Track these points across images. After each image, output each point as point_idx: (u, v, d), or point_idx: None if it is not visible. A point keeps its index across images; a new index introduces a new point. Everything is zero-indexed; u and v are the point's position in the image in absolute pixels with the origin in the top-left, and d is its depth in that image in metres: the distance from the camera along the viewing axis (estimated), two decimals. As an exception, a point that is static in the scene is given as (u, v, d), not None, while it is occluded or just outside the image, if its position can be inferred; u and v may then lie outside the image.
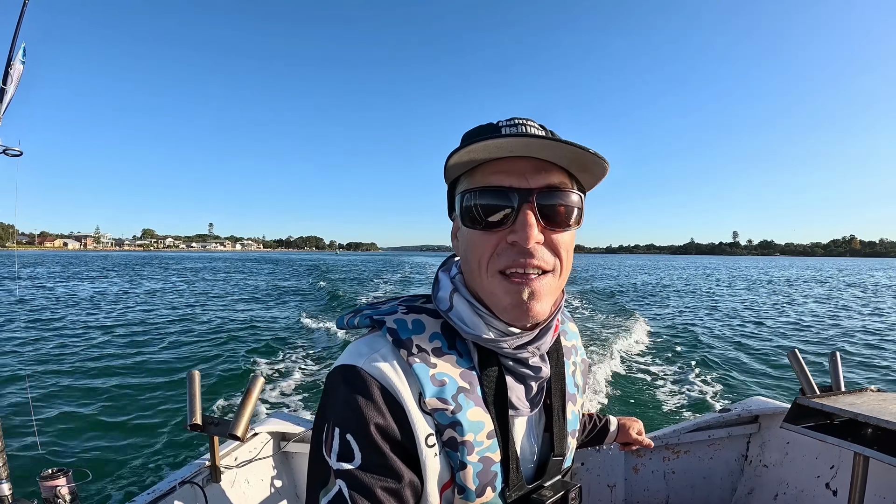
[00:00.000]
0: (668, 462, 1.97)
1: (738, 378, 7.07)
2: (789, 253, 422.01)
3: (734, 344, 9.73)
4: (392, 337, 0.67)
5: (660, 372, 7.31)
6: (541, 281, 0.64)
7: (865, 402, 1.48)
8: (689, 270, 56.13)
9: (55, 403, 5.63)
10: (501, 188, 0.63)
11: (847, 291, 25.45)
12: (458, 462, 0.65)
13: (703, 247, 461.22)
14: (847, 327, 12.52)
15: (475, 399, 0.67)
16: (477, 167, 0.66)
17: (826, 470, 1.79)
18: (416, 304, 0.73)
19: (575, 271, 28.79)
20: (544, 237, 0.64)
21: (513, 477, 0.69)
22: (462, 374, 0.68)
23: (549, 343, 0.73)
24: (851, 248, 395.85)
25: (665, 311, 15.17)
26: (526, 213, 0.62)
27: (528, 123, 0.67)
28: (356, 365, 0.64)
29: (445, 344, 0.69)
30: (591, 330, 10.92)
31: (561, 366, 0.80)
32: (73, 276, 31.53)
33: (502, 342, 0.67)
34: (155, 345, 9.15)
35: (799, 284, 31.12)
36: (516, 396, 0.71)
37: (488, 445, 0.67)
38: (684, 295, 21.82)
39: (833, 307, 17.24)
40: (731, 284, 30.33)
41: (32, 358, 8.03)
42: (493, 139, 0.60)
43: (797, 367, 1.64)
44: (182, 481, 1.49)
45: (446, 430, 0.65)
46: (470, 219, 0.65)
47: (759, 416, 2.02)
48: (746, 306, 17.02)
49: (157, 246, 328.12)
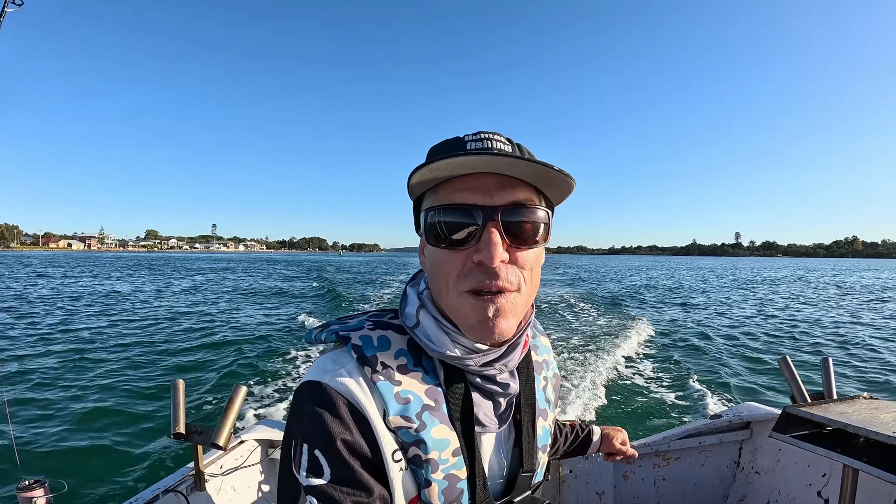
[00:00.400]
0: (659, 469, 1.96)
1: (732, 382, 7.01)
2: (792, 254, 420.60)
3: (727, 348, 9.66)
4: (357, 354, 0.66)
5: (651, 377, 7.22)
6: (506, 298, 0.63)
7: (856, 410, 1.46)
8: (681, 271, 56.21)
9: (33, 411, 5.60)
10: (466, 206, 0.62)
11: (827, 291, 25.68)
12: (423, 479, 0.64)
13: (706, 248, 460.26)
14: (827, 328, 12.55)
15: (440, 417, 0.66)
16: (442, 184, 0.65)
17: (818, 478, 1.77)
18: (383, 320, 0.72)
19: (576, 279, 28.50)
20: (510, 255, 0.63)
21: (479, 494, 0.68)
22: (427, 392, 0.67)
23: (518, 360, 0.72)
24: (853, 249, 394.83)
25: (656, 315, 15.05)
26: (490, 232, 0.61)
27: (494, 138, 0.66)
28: (321, 381, 0.64)
29: (411, 361, 0.68)
30: (581, 333, 10.89)
31: (531, 381, 0.79)
32: (97, 276, 31.34)
33: (468, 360, 0.67)
34: (146, 350, 9.11)
35: (785, 285, 31.06)
36: (483, 413, 0.70)
37: (454, 463, 0.66)
38: (676, 296, 21.77)
39: (819, 309, 17.23)
40: (725, 285, 30.26)
41: (10, 361, 8.01)
42: (457, 157, 0.58)
43: (788, 375, 1.62)
44: (165, 490, 1.48)
45: (410, 447, 0.64)
46: (434, 237, 0.64)
47: (750, 422, 2.01)
48: (739, 308, 16.94)
49: (161, 247, 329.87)
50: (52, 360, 8.16)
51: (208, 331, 11.25)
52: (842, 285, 31.39)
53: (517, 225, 0.63)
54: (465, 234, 0.62)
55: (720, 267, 78.97)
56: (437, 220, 0.63)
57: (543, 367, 0.85)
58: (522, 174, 0.62)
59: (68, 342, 9.66)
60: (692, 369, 7.69)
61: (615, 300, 19.22)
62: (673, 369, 7.70)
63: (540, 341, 0.88)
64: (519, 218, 0.63)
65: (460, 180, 0.63)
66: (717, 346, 9.60)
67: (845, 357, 8.96)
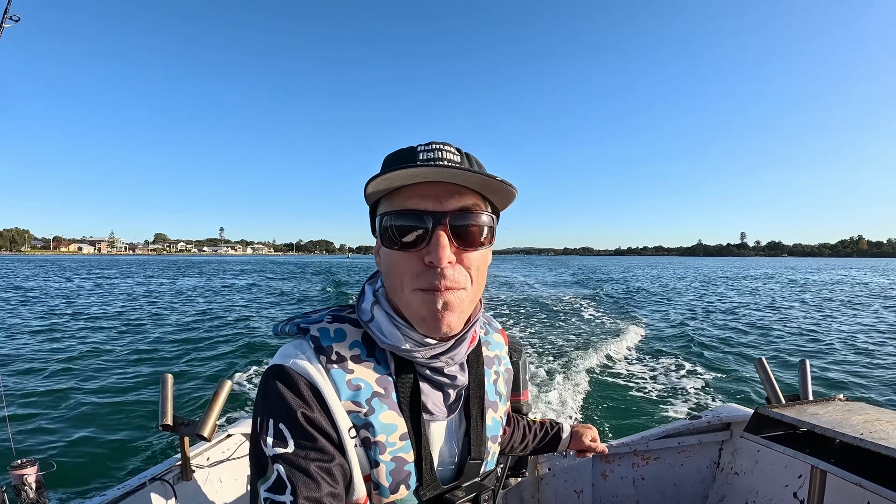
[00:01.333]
0: (638, 468, 1.98)
1: (713, 383, 6.97)
2: (797, 254, 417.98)
3: (714, 348, 9.61)
4: (314, 344, 0.72)
5: (631, 377, 7.21)
6: (454, 294, 0.68)
7: (829, 412, 1.48)
8: (674, 271, 56.05)
9: (30, 398, 5.73)
10: (417, 211, 0.67)
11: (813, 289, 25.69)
12: (373, 460, 0.70)
13: (711, 248, 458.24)
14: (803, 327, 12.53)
15: (389, 403, 0.72)
16: (396, 191, 0.70)
17: (794, 479, 1.80)
18: (342, 314, 0.78)
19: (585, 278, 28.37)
20: (458, 256, 0.68)
21: (426, 477, 0.74)
22: (378, 381, 0.72)
23: (464, 354, 0.77)
24: (858, 248, 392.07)
25: (640, 315, 14.95)
26: (439, 234, 0.66)
27: (444, 149, 0.70)
28: (284, 364, 0.69)
29: (364, 352, 0.74)
30: (565, 332, 10.94)
31: (480, 374, 0.84)
32: (139, 281, 31.30)
33: (416, 352, 0.72)
34: (141, 342, 9.28)
35: (777, 284, 30.88)
36: (432, 402, 0.76)
37: (401, 447, 0.71)
38: (661, 296, 21.71)
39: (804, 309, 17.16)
40: (719, 286, 30.13)
41: (5, 351, 8.19)
42: (409, 168, 0.64)
43: (763, 376, 1.65)
44: (153, 478, 1.53)
45: (361, 429, 0.70)
46: (388, 239, 0.69)
47: (730, 423, 2.03)
48: (728, 309, 16.82)
49: (170, 250, 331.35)
50: (49, 351, 8.33)
51: (210, 327, 11.37)
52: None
53: (464, 229, 0.68)
54: (416, 237, 0.67)
55: (727, 267, 78.59)
56: (391, 224, 0.68)
57: (495, 361, 0.90)
58: (468, 183, 0.68)
59: (68, 336, 9.85)
60: (673, 369, 7.68)
61: (601, 299, 19.26)
62: (654, 369, 7.71)
63: (493, 338, 0.92)
64: (465, 222, 0.68)
65: (412, 188, 0.68)
66: (700, 347, 9.55)
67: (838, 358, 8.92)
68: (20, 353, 8.34)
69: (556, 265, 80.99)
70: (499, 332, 0.96)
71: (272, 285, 25.41)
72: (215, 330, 11.09)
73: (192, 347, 9.22)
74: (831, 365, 8.25)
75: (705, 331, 11.73)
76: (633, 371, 7.51)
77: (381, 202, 0.73)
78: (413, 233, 0.67)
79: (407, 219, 0.67)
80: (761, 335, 11.33)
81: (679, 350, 9.18)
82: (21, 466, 1.35)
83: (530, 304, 17.03)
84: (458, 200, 0.68)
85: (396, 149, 0.75)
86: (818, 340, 10.67)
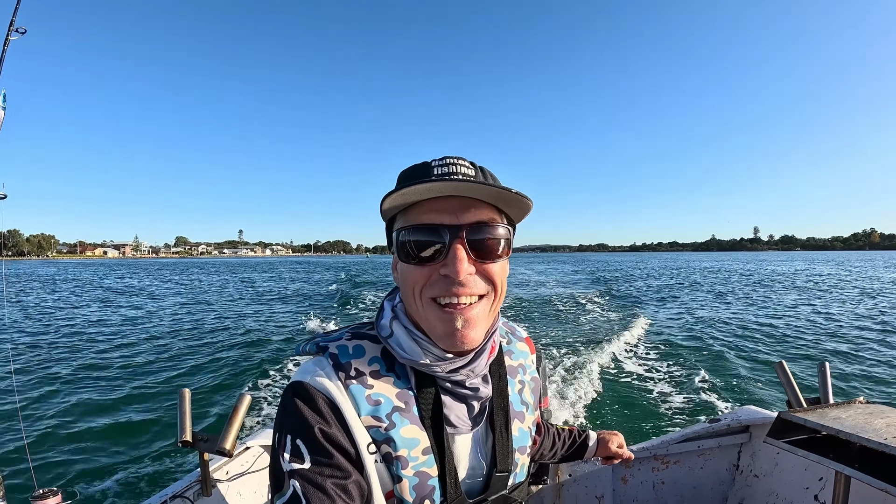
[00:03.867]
0: (658, 473, 1.97)
1: (731, 385, 6.87)
2: (810, 247, 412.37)
3: (729, 349, 9.48)
4: (332, 360, 0.73)
5: (649, 380, 7.14)
6: (473, 310, 0.69)
7: (851, 415, 1.46)
8: (674, 267, 55.55)
9: (46, 419, 5.73)
10: (433, 226, 0.68)
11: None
12: (395, 475, 0.70)
13: (725, 243, 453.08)
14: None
15: (410, 417, 0.72)
16: (412, 206, 0.70)
17: (815, 482, 1.77)
18: (361, 331, 0.79)
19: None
20: (476, 268, 0.69)
21: (451, 491, 0.73)
22: (398, 395, 0.73)
23: (484, 365, 0.77)
24: (871, 241, 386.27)
25: (655, 316, 14.76)
26: (456, 248, 0.67)
27: (458, 164, 0.71)
28: (303, 381, 0.70)
29: (384, 367, 0.74)
30: (583, 333, 10.85)
31: (504, 385, 0.83)
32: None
33: (436, 366, 0.72)
34: (154, 359, 9.30)
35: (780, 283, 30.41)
36: (455, 415, 0.76)
37: (424, 461, 0.71)
38: (674, 296, 21.42)
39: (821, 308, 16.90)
40: (733, 285, 29.74)
41: (24, 370, 8.24)
42: (424, 183, 0.64)
43: (784, 379, 1.63)
44: (173, 495, 1.54)
45: (382, 445, 0.70)
46: (405, 254, 0.70)
47: (749, 426, 2.01)
48: (740, 309, 16.49)
49: (192, 253, 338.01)
50: (65, 369, 8.38)
51: (223, 343, 11.42)
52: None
53: (481, 242, 0.69)
54: (433, 252, 0.68)
55: (725, 263, 77.77)
56: (408, 239, 0.69)
57: (519, 371, 0.89)
58: (483, 196, 0.68)
59: (83, 350, 9.94)
60: (691, 372, 7.58)
61: (614, 298, 19.12)
62: (672, 373, 7.61)
63: (517, 346, 0.92)
64: (482, 236, 0.69)
65: (428, 203, 0.69)
66: (717, 349, 9.43)
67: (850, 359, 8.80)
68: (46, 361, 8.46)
69: (573, 262, 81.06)
70: (523, 341, 0.95)
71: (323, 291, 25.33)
72: (228, 341, 11.17)
73: (212, 360, 9.30)
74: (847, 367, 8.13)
75: (718, 332, 11.59)
76: (649, 374, 7.43)
77: (397, 218, 0.74)
78: (431, 247, 0.68)
79: (424, 233, 0.68)
80: (772, 337, 11.18)
81: (693, 352, 9.07)
82: (43, 497, 1.28)
83: (544, 303, 16.98)
84: (473, 214, 0.69)
85: (410, 164, 0.75)
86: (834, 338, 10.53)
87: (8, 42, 1.16)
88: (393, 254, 0.76)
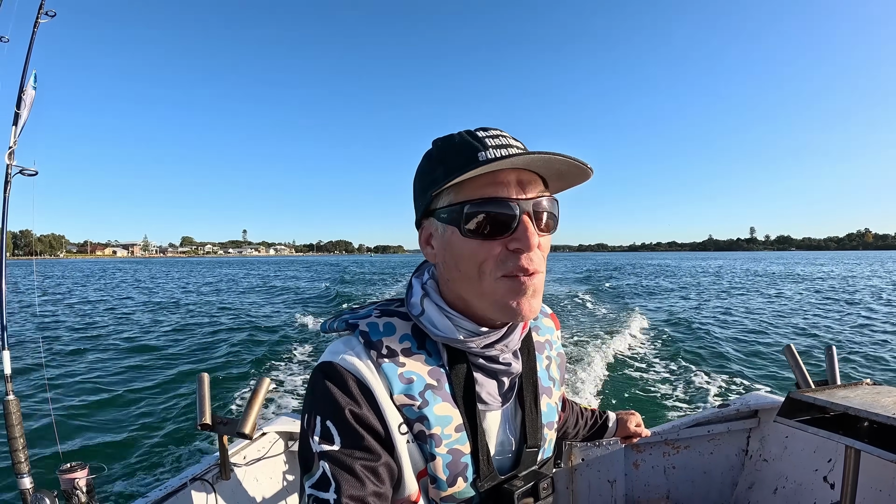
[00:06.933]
0: (668, 457, 2.00)
1: (739, 371, 7.03)
2: (805, 247, 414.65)
3: (732, 338, 9.64)
4: (363, 339, 0.72)
5: (658, 367, 7.30)
6: (538, 279, 0.69)
7: (858, 395, 1.50)
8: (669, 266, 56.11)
9: (74, 404, 5.86)
10: (502, 199, 0.67)
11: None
12: (429, 454, 0.70)
13: (721, 243, 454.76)
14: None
15: (443, 395, 0.72)
16: (468, 180, 0.68)
17: (823, 463, 1.81)
18: (390, 308, 0.78)
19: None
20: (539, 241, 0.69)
21: (483, 468, 0.73)
22: (430, 372, 0.72)
23: (518, 340, 0.77)
24: (864, 241, 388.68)
25: (662, 306, 15.08)
26: (526, 221, 0.67)
27: (504, 135, 0.71)
28: (333, 361, 0.70)
29: (415, 344, 0.74)
30: (590, 325, 10.96)
31: (532, 360, 0.83)
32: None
33: (470, 342, 0.72)
34: (174, 346, 9.52)
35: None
36: (486, 392, 0.76)
37: (457, 438, 0.71)
38: (680, 290, 21.69)
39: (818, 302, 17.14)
40: (731, 279, 30.02)
41: (51, 355, 8.45)
42: (507, 158, 0.64)
43: (792, 362, 1.66)
44: (193, 478, 1.56)
45: (415, 423, 0.69)
46: (470, 230, 0.67)
47: (758, 410, 2.04)
48: (744, 301, 16.84)
49: (198, 252, 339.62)
50: (92, 356, 8.56)
51: (240, 329, 11.62)
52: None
53: (541, 215, 0.69)
54: (503, 225, 0.67)
55: (719, 261, 78.50)
56: (476, 212, 0.66)
57: (546, 346, 0.89)
58: (538, 168, 0.69)
59: (109, 340, 10.13)
60: (699, 359, 7.72)
61: (619, 293, 19.28)
62: (680, 359, 7.73)
63: (543, 322, 0.92)
64: (543, 209, 0.69)
65: (487, 176, 0.67)
66: (724, 336, 9.60)
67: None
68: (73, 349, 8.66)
69: (576, 260, 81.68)
70: (549, 317, 0.95)
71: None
72: (238, 329, 11.34)
73: (228, 343, 9.52)
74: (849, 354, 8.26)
75: (721, 324, 11.69)
76: (654, 365, 7.53)
77: (441, 195, 0.71)
78: (502, 221, 0.66)
79: (495, 206, 0.66)
80: (775, 326, 11.31)
81: (697, 342, 9.19)
82: (71, 470, 1.31)
83: (549, 301, 17.14)
84: (532, 188, 0.68)
85: (442, 136, 0.74)
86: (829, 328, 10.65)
87: (38, 24, 1.17)
88: (424, 229, 0.76)
